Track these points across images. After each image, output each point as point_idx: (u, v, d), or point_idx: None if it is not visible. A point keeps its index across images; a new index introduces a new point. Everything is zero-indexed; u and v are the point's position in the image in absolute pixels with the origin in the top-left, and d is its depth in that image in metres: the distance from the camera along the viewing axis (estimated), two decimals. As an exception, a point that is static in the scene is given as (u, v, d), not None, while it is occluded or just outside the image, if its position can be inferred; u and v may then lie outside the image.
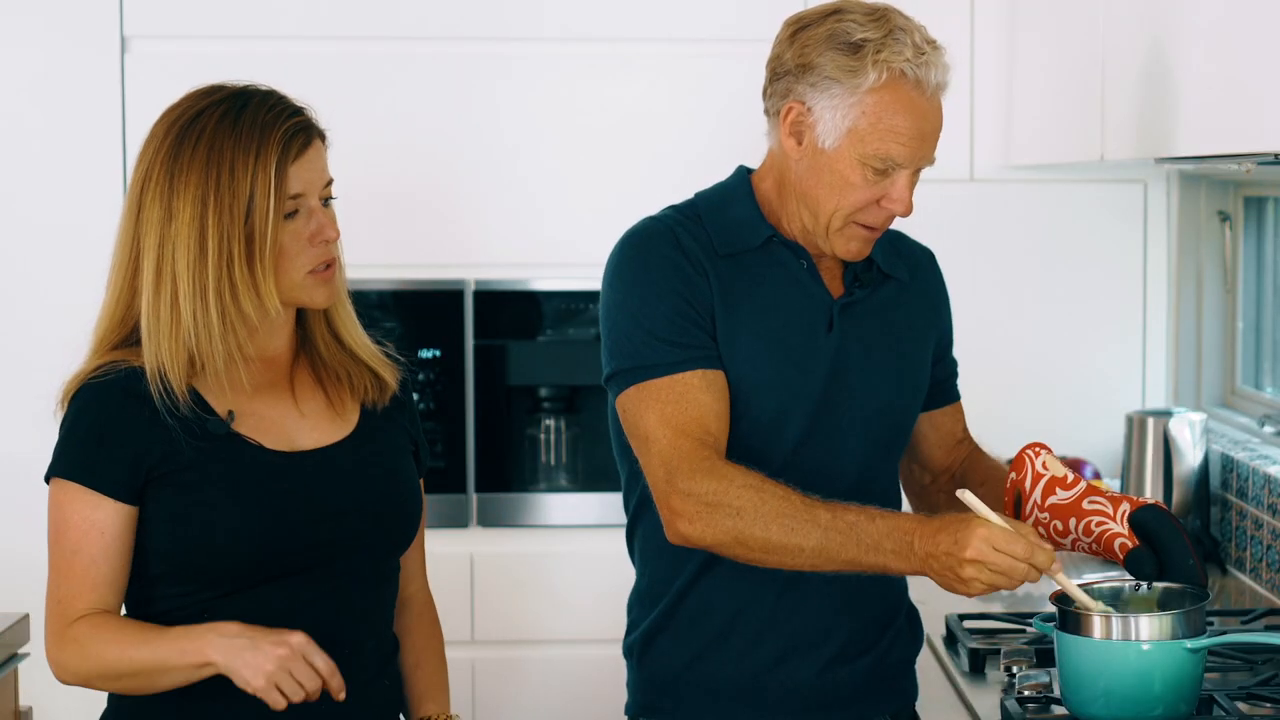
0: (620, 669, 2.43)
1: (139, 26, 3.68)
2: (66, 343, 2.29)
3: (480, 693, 3.71)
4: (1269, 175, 3.02)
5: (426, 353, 3.72)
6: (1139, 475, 3.39)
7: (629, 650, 2.38)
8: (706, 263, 2.24)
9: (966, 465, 2.43)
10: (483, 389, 3.74)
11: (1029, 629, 2.62)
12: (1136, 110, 2.75)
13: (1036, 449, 2.27)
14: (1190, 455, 3.34)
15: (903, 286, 2.35)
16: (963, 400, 2.49)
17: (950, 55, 2.22)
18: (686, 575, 2.30)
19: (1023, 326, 3.78)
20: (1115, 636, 2.10)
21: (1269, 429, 3.30)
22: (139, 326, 2.08)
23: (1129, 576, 2.20)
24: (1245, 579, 3.14)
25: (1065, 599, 2.17)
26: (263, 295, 2.06)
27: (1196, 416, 3.38)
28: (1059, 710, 2.26)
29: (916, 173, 2.22)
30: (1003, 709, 2.29)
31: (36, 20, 3.67)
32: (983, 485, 2.33)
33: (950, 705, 2.46)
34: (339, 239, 2.12)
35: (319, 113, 2.15)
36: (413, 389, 2.30)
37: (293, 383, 2.17)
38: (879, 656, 2.34)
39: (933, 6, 3.62)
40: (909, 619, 2.41)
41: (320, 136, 2.12)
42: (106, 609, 2.06)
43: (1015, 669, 2.41)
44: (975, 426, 2.51)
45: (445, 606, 2.41)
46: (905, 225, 2.40)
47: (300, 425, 2.14)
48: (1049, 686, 2.31)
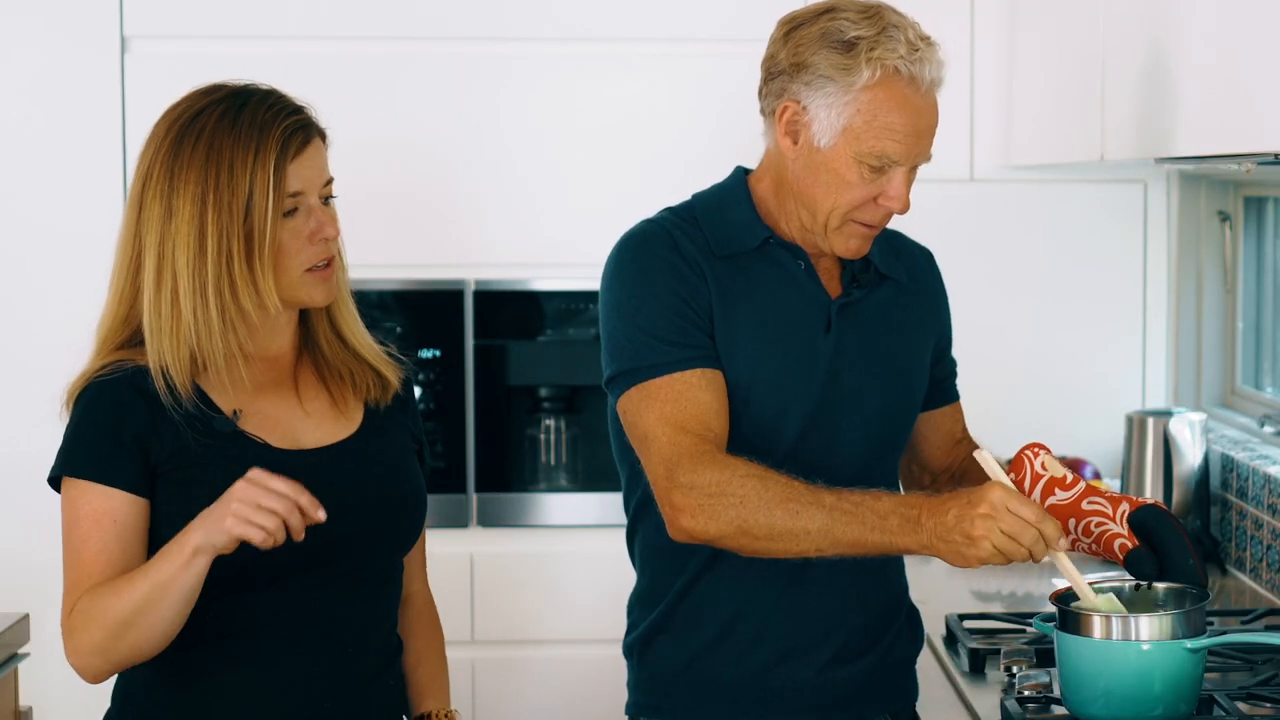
0: (620, 669, 2.42)
1: (139, 26, 3.68)
2: (67, 343, 2.29)
3: (480, 693, 3.71)
4: (1269, 175, 3.02)
5: (426, 353, 3.72)
6: (1139, 475, 3.39)
7: (629, 650, 2.38)
8: (704, 264, 2.24)
9: (967, 464, 2.42)
10: (483, 389, 3.74)
11: (1029, 629, 2.62)
12: (1136, 110, 2.75)
13: (1035, 449, 2.27)
14: (1190, 455, 3.34)
15: (900, 287, 2.35)
16: (962, 400, 2.49)
17: (949, 53, 2.22)
18: (687, 575, 2.30)
19: (1023, 326, 3.77)
20: (1115, 636, 2.10)
21: (1269, 429, 3.30)
22: (142, 325, 2.09)
23: (1129, 576, 2.20)
24: (1245, 579, 3.14)
25: (1065, 598, 2.18)
26: (262, 293, 2.06)
27: (1196, 416, 3.38)
28: (1059, 710, 2.25)
29: (913, 170, 2.21)
30: (1003, 709, 2.29)
31: (36, 20, 3.66)
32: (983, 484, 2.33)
33: (950, 705, 2.46)
34: (338, 237, 2.13)
35: (319, 113, 2.15)
36: (414, 388, 2.30)
37: (296, 381, 2.17)
38: (879, 656, 2.34)
39: (932, 6, 3.63)
40: (909, 619, 2.41)
41: (320, 135, 2.12)
42: None
43: (1015, 669, 2.41)
44: (975, 426, 2.51)
45: (445, 606, 2.41)
46: (905, 225, 2.40)
47: (304, 424, 2.14)
48: (1049, 686, 2.30)
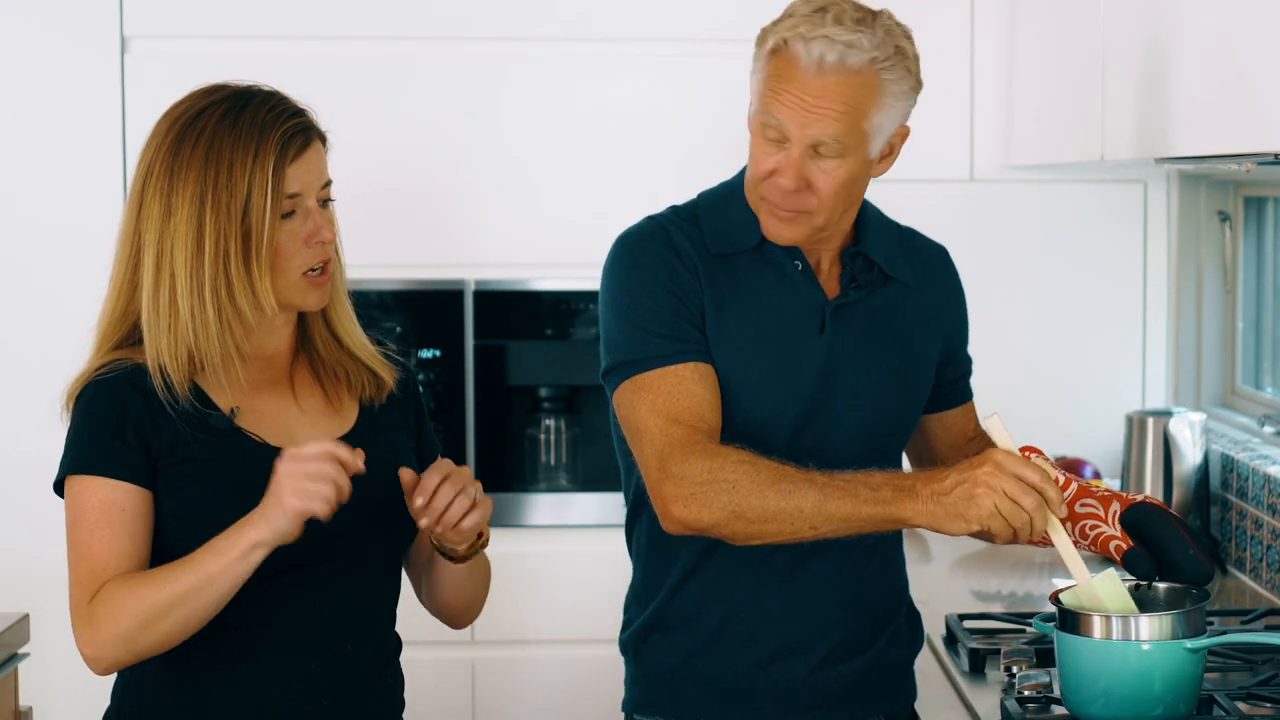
0: (619, 669, 2.43)
1: (139, 26, 3.68)
2: (67, 343, 2.29)
3: (480, 693, 3.71)
4: (1269, 175, 3.02)
5: (426, 353, 3.72)
6: (1139, 475, 3.39)
7: (625, 646, 2.38)
8: (698, 261, 2.25)
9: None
10: (483, 389, 3.74)
11: (1029, 629, 2.62)
12: (1136, 110, 2.75)
13: (1028, 453, 2.26)
14: (1190, 455, 3.34)
15: (906, 288, 2.34)
16: (963, 400, 2.49)
17: (953, 53, 2.22)
18: (680, 572, 2.30)
19: (1022, 327, 3.77)
20: (1115, 636, 2.10)
21: (1269, 429, 3.30)
22: (139, 324, 2.09)
23: (1131, 577, 2.20)
24: (1245, 579, 3.14)
25: (1065, 599, 2.17)
26: (259, 294, 2.06)
27: (1196, 416, 3.38)
28: (1059, 710, 2.25)
29: (818, 154, 2.16)
30: (1003, 709, 2.29)
31: (36, 20, 3.66)
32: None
33: (950, 705, 2.46)
34: (335, 240, 2.13)
35: (320, 113, 2.15)
36: (417, 387, 2.30)
37: (292, 380, 2.17)
38: (874, 658, 2.34)
39: (933, 6, 3.66)
40: (909, 620, 2.40)
41: (320, 138, 2.13)
42: None
43: (1015, 669, 2.41)
44: (975, 426, 2.51)
45: (445, 606, 2.41)
46: (905, 224, 2.40)
47: (300, 422, 2.15)
48: (1049, 686, 2.30)
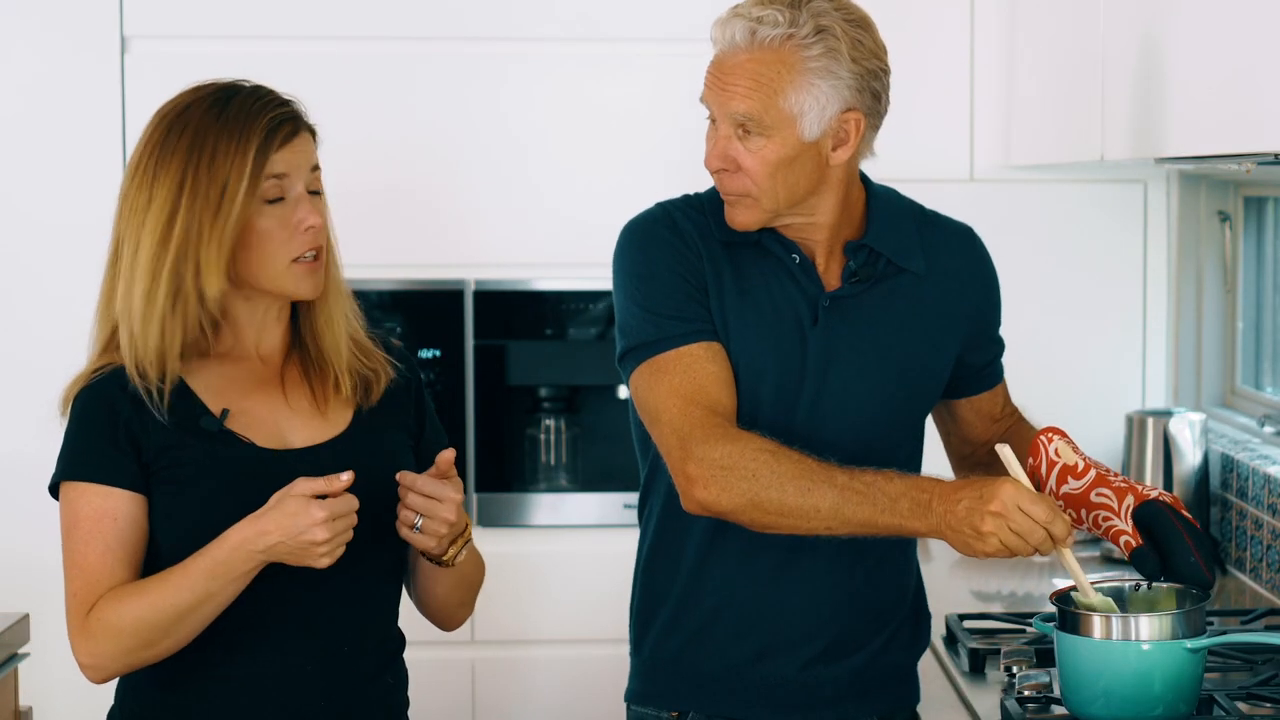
0: (620, 669, 2.43)
1: (139, 26, 3.68)
2: (67, 343, 2.29)
3: (480, 693, 3.71)
4: (1269, 175, 3.02)
5: (426, 353, 3.72)
6: (1139, 475, 3.39)
7: (630, 632, 2.40)
8: (702, 246, 2.27)
9: (1007, 437, 2.40)
10: (483, 389, 3.74)
11: (1029, 629, 2.62)
12: (1136, 110, 2.74)
13: (1050, 435, 2.24)
14: (1190, 455, 3.34)
15: (917, 279, 2.32)
16: (963, 400, 2.49)
17: (953, 53, 2.22)
18: (682, 563, 2.31)
19: (1022, 326, 3.75)
20: (1115, 636, 2.10)
21: (1269, 429, 3.30)
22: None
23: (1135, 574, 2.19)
24: (1245, 579, 3.14)
25: (1065, 599, 2.17)
26: (216, 276, 2.04)
27: (1196, 416, 3.38)
28: (1059, 710, 2.25)
29: (746, 134, 2.20)
30: (1003, 709, 2.29)
31: (36, 21, 3.66)
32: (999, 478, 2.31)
33: (950, 705, 2.46)
34: (324, 227, 2.11)
35: (320, 113, 2.15)
36: (420, 384, 2.29)
37: (283, 381, 2.17)
38: (869, 658, 2.33)
39: (933, 6, 3.66)
40: (914, 622, 2.39)
41: (310, 130, 2.12)
42: None
43: (1015, 669, 2.41)
44: (976, 426, 2.50)
45: (445, 606, 2.41)
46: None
47: (291, 423, 2.14)
48: (1049, 686, 2.30)
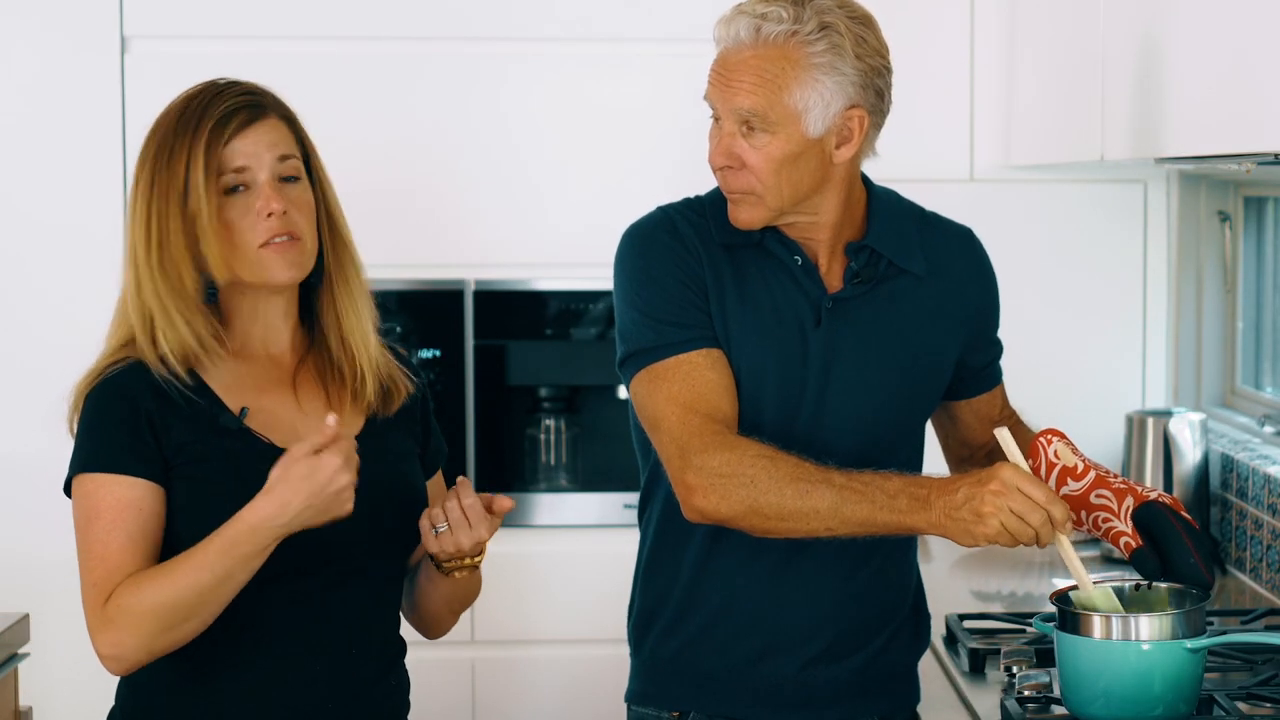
0: (620, 668, 2.43)
1: (139, 26, 3.68)
2: (68, 344, 2.30)
3: (480, 693, 3.71)
4: (1269, 175, 3.02)
5: (426, 353, 3.72)
6: (1139, 475, 3.39)
7: (630, 634, 2.40)
8: (702, 250, 2.27)
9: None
10: (483, 389, 3.74)
11: (1029, 629, 2.62)
12: (1136, 110, 2.74)
13: (1049, 437, 2.24)
14: (1190, 455, 3.34)
15: (918, 280, 2.32)
16: (964, 400, 2.49)
17: (953, 53, 2.22)
18: (683, 563, 2.31)
19: (1022, 326, 3.75)
20: (1115, 636, 2.10)
21: (1269, 429, 3.30)
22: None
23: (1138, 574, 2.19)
24: (1245, 579, 3.14)
25: (1065, 599, 2.17)
26: (214, 270, 2.07)
27: (1196, 416, 3.38)
28: (1059, 710, 2.25)
29: (750, 131, 2.21)
30: (1003, 709, 2.29)
31: (36, 20, 3.66)
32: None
33: (950, 705, 2.46)
34: (294, 214, 2.10)
35: (320, 113, 2.15)
36: (427, 397, 2.30)
37: (295, 382, 2.17)
38: (870, 657, 2.33)
39: (933, 6, 3.66)
40: (914, 623, 2.39)
41: (279, 115, 2.12)
42: None
43: (1015, 669, 2.41)
44: (976, 426, 2.50)
45: (445, 606, 2.40)
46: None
47: (305, 424, 2.14)
48: (1049, 686, 2.30)
